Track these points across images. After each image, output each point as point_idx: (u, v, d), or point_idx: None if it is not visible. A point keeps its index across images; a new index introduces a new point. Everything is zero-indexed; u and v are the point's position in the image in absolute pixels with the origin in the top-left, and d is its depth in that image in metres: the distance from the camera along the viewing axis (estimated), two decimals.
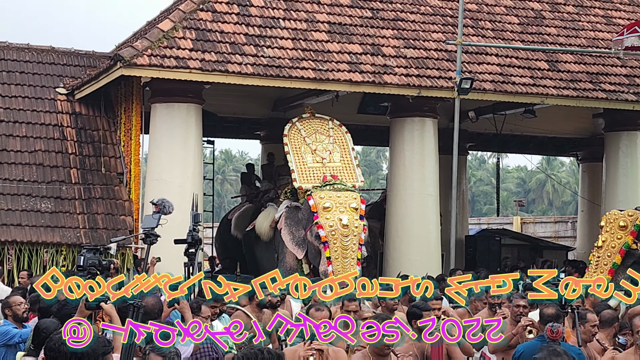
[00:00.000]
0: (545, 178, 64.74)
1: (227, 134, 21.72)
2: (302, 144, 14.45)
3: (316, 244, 13.27)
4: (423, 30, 16.90)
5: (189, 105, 15.27)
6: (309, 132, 14.62)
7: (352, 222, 13.09)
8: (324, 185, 13.87)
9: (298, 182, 14.10)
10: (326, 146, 14.49)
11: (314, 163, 14.29)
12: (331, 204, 13.30)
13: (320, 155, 14.36)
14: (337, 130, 14.88)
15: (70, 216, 15.19)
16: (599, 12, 18.84)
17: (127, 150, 16.03)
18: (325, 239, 13.04)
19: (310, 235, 13.42)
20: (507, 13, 18.08)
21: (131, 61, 14.35)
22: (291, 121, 14.81)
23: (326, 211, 13.25)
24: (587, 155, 22.56)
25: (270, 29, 15.86)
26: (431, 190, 16.37)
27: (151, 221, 7.07)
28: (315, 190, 13.66)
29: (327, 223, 13.13)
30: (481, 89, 16.01)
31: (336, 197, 13.47)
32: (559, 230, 26.83)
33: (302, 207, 13.84)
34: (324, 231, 13.05)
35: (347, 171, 14.33)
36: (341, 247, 12.95)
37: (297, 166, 14.24)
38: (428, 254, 16.10)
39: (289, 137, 14.58)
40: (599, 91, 16.80)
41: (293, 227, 13.84)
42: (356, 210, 13.32)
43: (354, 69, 15.56)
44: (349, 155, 14.55)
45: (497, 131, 19.85)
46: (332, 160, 14.34)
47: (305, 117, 14.88)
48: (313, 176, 14.16)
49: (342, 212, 13.21)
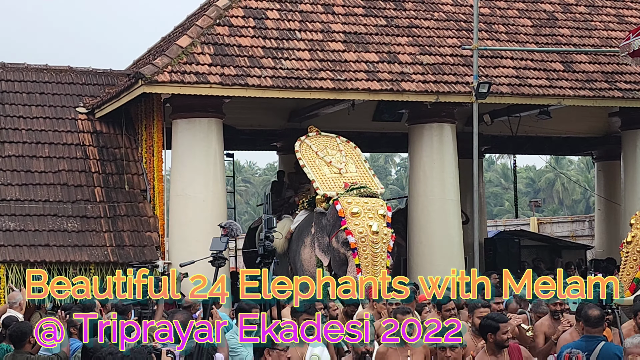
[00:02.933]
0: (554, 177, 64.76)
1: (244, 146, 21.84)
2: (316, 158, 14.38)
3: (342, 251, 12.95)
4: (438, 36, 17.01)
5: (209, 119, 15.41)
6: (319, 148, 14.58)
7: (381, 229, 12.82)
8: (348, 190, 13.60)
9: (321, 190, 13.82)
10: (339, 159, 14.40)
11: (332, 174, 14.12)
12: (360, 210, 12.99)
13: (336, 167, 14.24)
14: (346, 146, 14.87)
15: (96, 234, 15.31)
16: (610, 12, 18.93)
17: (150, 166, 16.17)
18: (355, 245, 12.70)
19: (336, 242, 13.08)
20: (520, 16, 18.19)
21: (152, 78, 14.49)
22: (299, 139, 14.76)
23: (355, 217, 12.91)
24: (602, 154, 22.65)
25: (286, 40, 16.00)
26: (452, 195, 16.47)
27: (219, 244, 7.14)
28: (341, 196, 13.41)
29: (357, 229, 12.78)
30: (498, 92, 16.11)
31: (364, 203, 13.19)
32: (576, 229, 26.89)
33: (327, 212, 13.49)
34: (353, 237, 12.73)
35: (365, 180, 14.18)
36: (371, 254, 12.66)
37: (317, 176, 14.05)
38: (451, 258, 16.18)
39: (301, 152, 14.55)
40: (615, 90, 16.89)
41: (318, 233, 13.55)
42: (384, 217, 13.08)
43: (372, 77, 15.68)
44: (363, 166, 14.48)
45: (512, 133, 19.96)
46: (348, 171, 14.19)
47: (312, 136, 14.87)
48: (334, 184, 13.96)
49: (371, 219, 12.91)
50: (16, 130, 16.38)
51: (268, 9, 16.54)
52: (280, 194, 17.81)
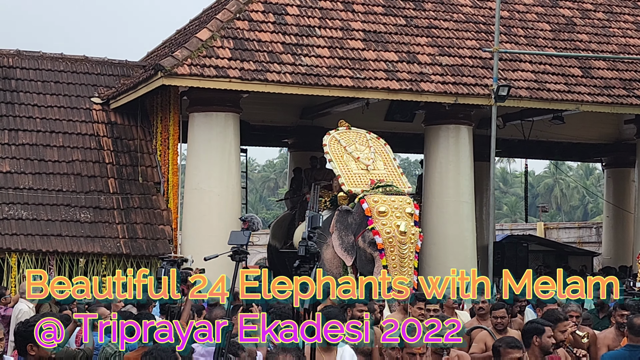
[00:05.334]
0: (553, 183, 64.82)
1: (256, 141, 21.72)
2: (344, 153, 14.00)
3: (369, 251, 12.64)
4: (457, 38, 16.94)
5: (227, 114, 15.31)
6: (348, 143, 14.20)
7: (409, 229, 12.53)
8: (374, 188, 13.24)
9: (347, 186, 13.44)
10: (368, 155, 14.01)
11: (359, 170, 13.72)
12: (387, 208, 12.66)
13: (363, 163, 13.85)
14: (375, 142, 14.47)
15: (109, 226, 15.21)
16: (628, 18, 18.88)
17: (164, 159, 16.05)
18: (382, 246, 12.42)
19: (362, 242, 12.76)
20: (539, 20, 18.12)
21: (172, 71, 14.38)
22: (329, 133, 14.41)
23: (382, 216, 12.61)
24: (612, 161, 22.61)
25: (306, 37, 15.90)
26: (466, 198, 16.40)
27: (241, 237, 6.85)
28: (367, 194, 13.05)
29: (384, 229, 12.47)
30: (517, 96, 16.04)
31: (390, 202, 12.84)
32: (583, 235, 26.85)
33: (354, 210, 13.15)
34: (380, 238, 12.42)
35: (393, 177, 13.80)
36: (399, 255, 12.39)
37: (343, 172, 13.67)
38: (464, 260, 16.10)
39: (330, 146, 14.14)
40: (633, 97, 16.83)
41: (342, 231, 13.14)
42: (411, 215, 12.76)
43: (391, 77, 15.59)
44: (392, 164, 14.10)
45: (524, 137, 19.90)
46: (376, 168, 13.79)
47: (342, 130, 14.50)
48: (360, 181, 13.57)
49: (398, 218, 12.59)
50: (30, 119, 16.27)
51: (288, 4, 16.44)
52: (299, 191, 17.64)
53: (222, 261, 8.71)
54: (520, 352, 5.92)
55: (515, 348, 5.87)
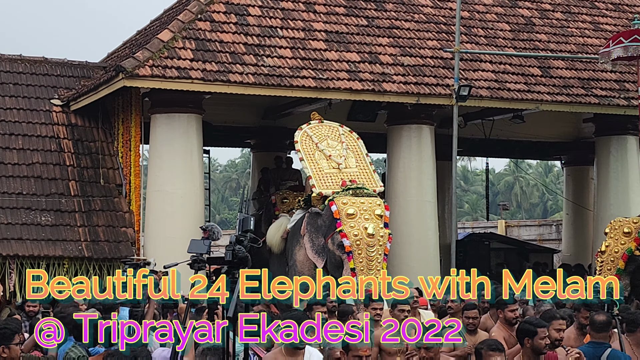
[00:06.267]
0: (513, 180, 65.42)
1: (218, 142, 21.67)
2: (315, 150, 13.90)
3: (338, 254, 12.59)
4: (418, 38, 17.04)
5: (189, 115, 15.26)
6: (320, 138, 14.07)
7: (377, 231, 12.46)
8: (344, 190, 13.19)
9: (317, 187, 13.34)
10: (340, 152, 13.91)
11: (330, 169, 13.66)
12: (355, 211, 12.60)
13: (335, 161, 13.76)
14: (348, 137, 14.39)
15: (71, 229, 15.07)
16: (586, 18, 19.13)
17: (126, 161, 15.94)
18: (350, 248, 12.37)
19: (331, 244, 12.72)
20: (499, 20, 18.29)
21: (133, 72, 14.30)
22: (300, 128, 14.29)
23: (350, 218, 12.55)
24: (572, 159, 22.89)
25: (268, 38, 15.90)
26: (429, 197, 16.50)
27: (200, 247, 6.82)
28: (337, 196, 12.99)
29: (352, 232, 12.42)
30: (478, 95, 16.18)
31: (360, 204, 12.78)
32: (544, 233, 27.14)
33: (323, 213, 13.12)
34: (348, 240, 12.37)
35: (364, 176, 13.78)
36: (366, 257, 12.33)
37: (314, 172, 13.58)
38: (427, 259, 16.21)
39: (301, 142, 14.01)
40: (591, 96, 17.06)
41: (313, 234, 13.14)
42: (381, 217, 12.69)
43: (353, 77, 15.65)
44: (364, 161, 14.03)
45: (485, 136, 20.07)
46: (348, 166, 13.75)
47: (314, 124, 14.43)
48: (331, 182, 13.53)
49: (367, 220, 12.53)
50: None
51: (250, 5, 16.43)
52: (266, 192, 17.62)
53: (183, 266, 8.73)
54: (501, 355, 5.95)
55: (497, 351, 5.93)
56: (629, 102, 17.06)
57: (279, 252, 14.33)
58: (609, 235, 13.81)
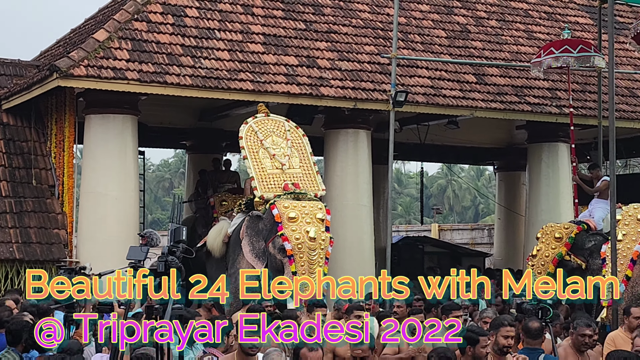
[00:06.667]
0: (446, 184, 66.25)
1: (153, 143, 21.46)
2: (260, 148, 13.77)
3: (279, 257, 12.56)
4: (356, 43, 17.13)
5: (124, 116, 15.08)
6: (265, 134, 13.93)
7: (319, 235, 12.47)
8: (285, 194, 13.18)
9: (259, 190, 13.28)
10: (284, 151, 13.83)
11: (274, 169, 13.60)
12: (297, 214, 12.60)
13: (279, 161, 13.70)
14: (294, 133, 14.27)
15: (1, 230, 14.77)
16: (520, 27, 19.46)
17: (59, 162, 15.69)
18: (291, 252, 12.36)
19: (272, 248, 12.69)
20: (435, 27, 18.49)
21: (68, 72, 14.08)
22: (246, 122, 14.07)
23: (292, 222, 12.54)
24: (504, 164, 23.29)
25: (206, 39, 15.81)
26: (365, 201, 16.61)
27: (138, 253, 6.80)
28: (278, 199, 12.97)
29: (293, 235, 12.41)
30: (414, 101, 16.33)
31: (301, 207, 12.78)
32: (476, 237, 27.54)
33: (264, 216, 13.07)
34: (289, 244, 12.37)
35: (307, 178, 13.77)
36: (308, 261, 12.33)
37: (257, 173, 13.49)
38: (362, 263, 16.30)
39: (246, 140, 13.81)
40: (524, 104, 17.36)
41: (253, 237, 13.08)
42: (322, 221, 12.71)
43: (291, 81, 15.66)
44: (308, 161, 13.99)
45: (420, 141, 20.27)
46: (291, 167, 13.69)
47: (260, 118, 14.22)
48: (274, 184, 13.49)
49: (308, 224, 12.52)
50: None
51: (187, 6, 16.31)
52: (204, 194, 17.49)
53: None
54: None
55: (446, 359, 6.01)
56: (560, 110, 17.41)
57: (220, 256, 14.22)
58: (540, 240, 14.12)
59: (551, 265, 13.81)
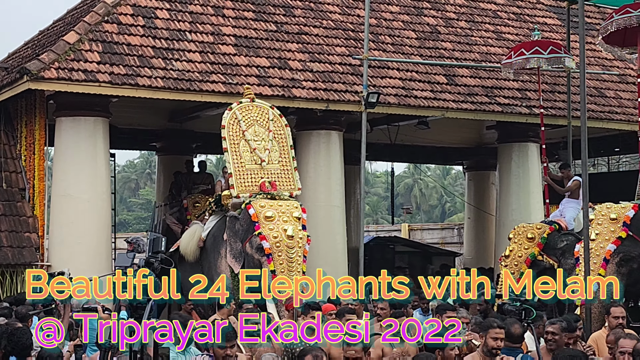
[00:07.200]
0: (412, 183, 66.50)
1: (123, 145, 21.31)
2: (241, 139, 13.69)
3: (257, 257, 12.58)
4: (327, 44, 17.15)
5: (96, 119, 14.98)
6: (248, 123, 13.82)
7: (297, 233, 12.53)
8: (260, 194, 13.22)
9: (236, 189, 13.27)
10: (265, 144, 13.78)
11: (252, 164, 13.58)
12: (274, 213, 12.64)
13: (259, 156, 13.65)
14: (277, 122, 14.17)
15: None
16: (489, 28, 19.60)
17: (30, 165, 15.53)
18: (270, 251, 12.39)
19: (249, 248, 12.70)
20: (405, 28, 18.56)
21: (38, 75, 13.96)
22: (230, 108, 13.94)
23: (269, 221, 12.56)
24: (473, 164, 23.42)
25: (177, 41, 15.75)
26: (337, 202, 16.65)
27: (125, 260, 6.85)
28: (254, 199, 12.99)
29: (271, 234, 12.43)
30: (386, 102, 16.39)
31: (277, 206, 12.83)
32: (446, 236, 27.69)
33: (240, 217, 13.06)
34: (268, 243, 12.39)
35: (285, 175, 13.78)
36: (286, 259, 12.37)
37: (235, 169, 13.42)
38: (335, 263, 16.34)
39: (228, 129, 13.66)
40: (495, 104, 17.49)
41: (231, 238, 13.08)
42: (299, 220, 12.78)
43: (263, 82, 15.65)
44: (287, 156, 13.97)
45: (390, 141, 20.35)
46: (270, 162, 13.67)
47: (245, 103, 14.07)
48: (251, 182, 13.47)
49: (285, 222, 12.57)
50: None
51: (157, 8, 16.25)
52: (178, 196, 17.41)
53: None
54: None
55: None
56: (530, 110, 17.56)
57: (194, 260, 14.18)
58: (512, 240, 14.21)
59: (524, 266, 13.91)
